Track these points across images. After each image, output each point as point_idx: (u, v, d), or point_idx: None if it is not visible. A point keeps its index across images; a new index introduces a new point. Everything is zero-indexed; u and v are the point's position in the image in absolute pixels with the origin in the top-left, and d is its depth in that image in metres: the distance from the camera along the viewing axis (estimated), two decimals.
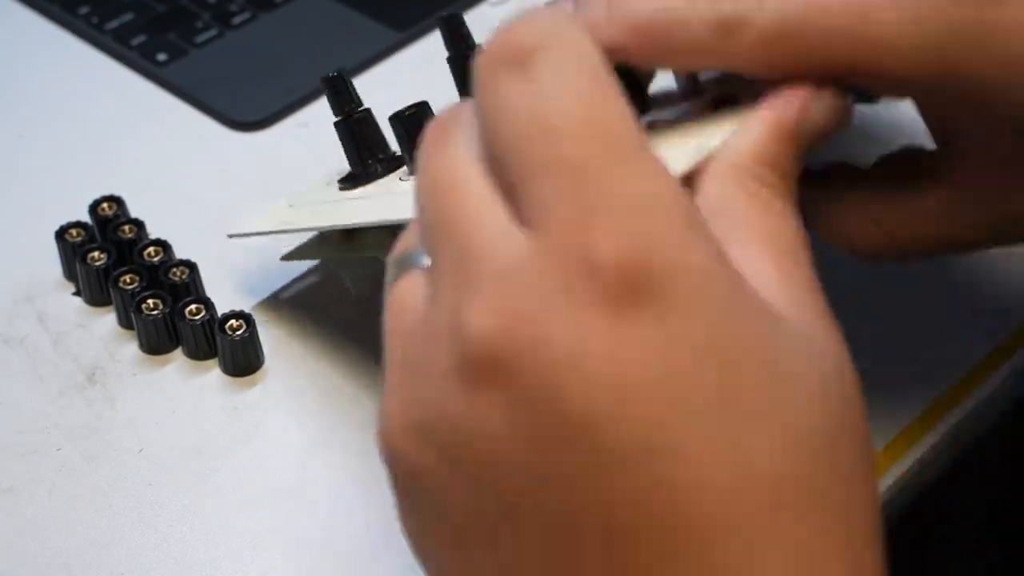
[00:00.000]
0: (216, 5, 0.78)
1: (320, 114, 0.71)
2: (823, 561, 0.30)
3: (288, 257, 0.57)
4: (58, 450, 0.53)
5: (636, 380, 0.29)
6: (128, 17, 0.78)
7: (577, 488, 0.29)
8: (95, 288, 0.59)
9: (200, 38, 0.76)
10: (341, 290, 0.58)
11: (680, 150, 0.36)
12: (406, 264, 0.34)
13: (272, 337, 0.57)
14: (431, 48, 0.76)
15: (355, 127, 0.54)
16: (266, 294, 0.60)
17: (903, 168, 0.43)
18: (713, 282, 0.30)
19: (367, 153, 0.54)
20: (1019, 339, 0.54)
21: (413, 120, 0.50)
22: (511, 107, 0.31)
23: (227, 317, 0.55)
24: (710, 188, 0.35)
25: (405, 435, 0.32)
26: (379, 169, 0.54)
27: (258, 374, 0.56)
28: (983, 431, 0.54)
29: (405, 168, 0.52)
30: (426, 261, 0.33)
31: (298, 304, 0.59)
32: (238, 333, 0.55)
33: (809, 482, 0.30)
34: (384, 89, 0.73)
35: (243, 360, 0.56)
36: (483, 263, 0.30)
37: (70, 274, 0.60)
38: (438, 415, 0.31)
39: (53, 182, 0.67)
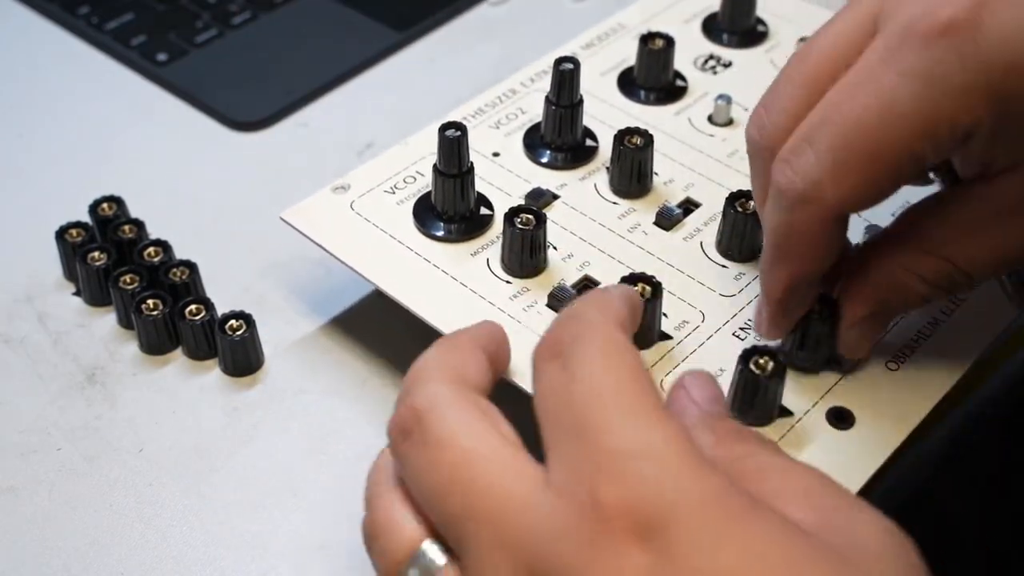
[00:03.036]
0: (216, 5, 0.78)
1: (320, 114, 0.72)
2: None
3: None
4: (58, 450, 0.53)
5: None
6: (128, 17, 0.78)
7: None
8: (95, 288, 0.59)
9: (200, 38, 0.76)
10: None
11: None
12: (427, 569, 0.38)
13: (272, 337, 0.57)
14: (431, 48, 0.77)
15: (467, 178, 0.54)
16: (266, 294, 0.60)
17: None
18: (702, 505, 0.33)
19: (454, 205, 0.54)
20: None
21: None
22: (546, 391, 0.38)
23: (227, 317, 0.56)
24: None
25: None
26: (460, 228, 0.54)
27: (258, 374, 0.56)
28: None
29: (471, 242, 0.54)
30: (441, 559, 0.38)
31: (299, 305, 0.60)
32: (238, 333, 0.55)
33: None
34: (384, 89, 0.73)
35: (243, 360, 0.56)
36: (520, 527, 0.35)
37: (70, 274, 0.61)
38: None
39: (53, 182, 0.67)
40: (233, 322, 0.55)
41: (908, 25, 0.40)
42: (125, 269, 0.58)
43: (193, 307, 0.56)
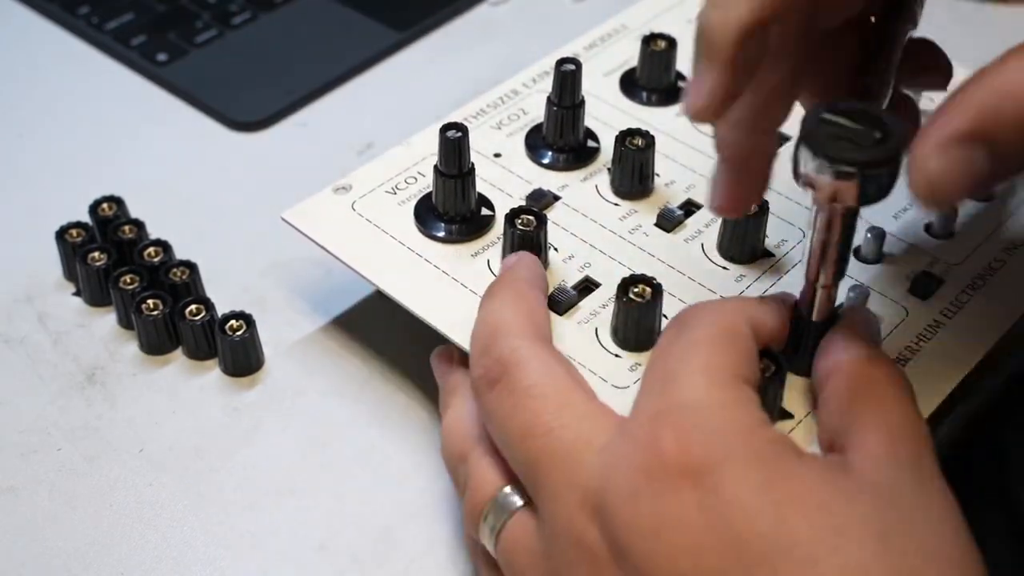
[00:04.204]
0: (216, 5, 0.78)
1: (320, 114, 0.72)
2: None
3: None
4: (58, 450, 0.53)
5: (703, 546, 0.35)
6: (128, 17, 0.78)
7: None
8: (95, 288, 0.59)
9: (200, 38, 0.76)
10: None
11: None
12: (503, 510, 0.42)
13: (272, 337, 0.57)
14: (431, 48, 0.77)
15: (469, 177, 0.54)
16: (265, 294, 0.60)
17: None
18: (756, 456, 0.37)
19: (453, 206, 0.54)
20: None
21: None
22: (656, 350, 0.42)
23: (227, 317, 0.56)
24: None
25: None
26: (460, 229, 0.54)
27: (258, 374, 0.56)
28: None
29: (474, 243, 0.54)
30: (517, 502, 0.42)
31: (299, 306, 0.60)
32: (238, 333, 0.55)
33: None
34: (384, 89, 0.73)
35: (243, 360, 0.56)
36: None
37: (70, 274, 0.60)
38: None
39: (53, 182, 0.67)
40: (233, 322, 0.55)
41: None
42: (125, 269, 0.58)
43: (193, 307, 0.56)
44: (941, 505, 0.37)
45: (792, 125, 0.59)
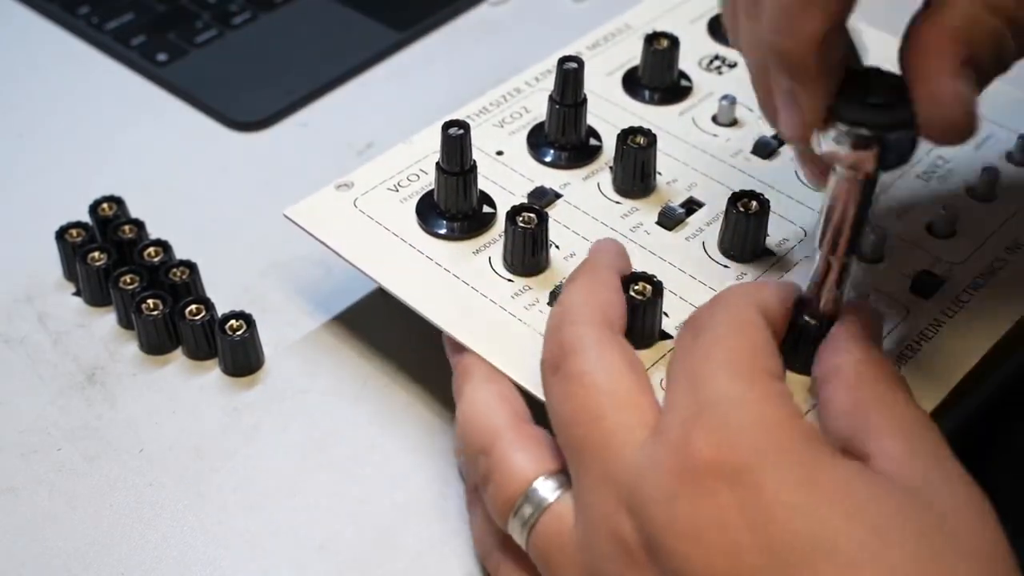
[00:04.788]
0: (216, 5, 0.78)
1: (320, 114, 0.71)
2: None
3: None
4: (58, 450, 0.53)
5: (741, 545, 0.35)
6: (128, 17, 0.78)
7: None
8: (95, 288, 0.59)
9: (200, 38, 0.76)
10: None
11: None
12: (539, 501, 0.42)
13: (272, 337, 0.57)
14: (431, 48, 0.77)
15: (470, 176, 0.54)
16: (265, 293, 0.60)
17: None
18: (790, 452, 0.37)
19: (457, 204, 0.54)
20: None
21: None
22: (676, 352, 0.42)
23: (227, 317, 0.55)
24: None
25: None
26: (462, 226, 0.54)
27: (258, 374, 0.56)
28: None
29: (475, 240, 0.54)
30: (551, 495, 0.42)
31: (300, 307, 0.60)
32: (238, 333, 0.55)
33: None
34: (384, 89, 0.73)
35: (243, 360, 0.56)
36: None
37: (70, 274, 0.60)
38: None
39: (53, 182, 0.67)
40: (233, 322, 0.55)
41: None
42: (125, 269, 0.58)
43: (193, 307, 0.56)
44: (969, 498, 0.37)
45: None
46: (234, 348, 0.55)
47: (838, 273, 0.44)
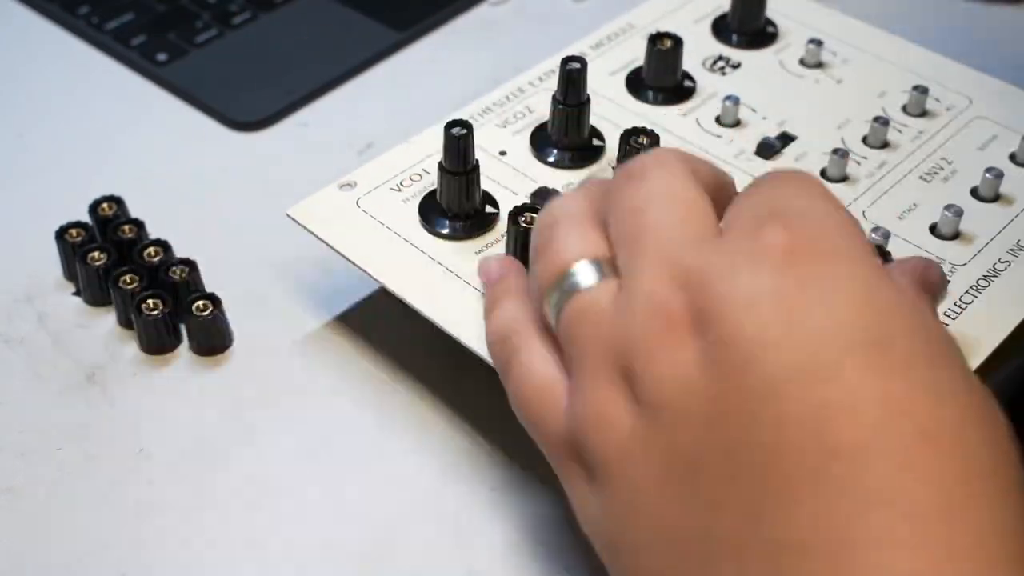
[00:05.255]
0: (216, 5, 0.78)
1: (320, 114, 0.71)
2: (966, 498, 0.33)
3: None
4: (58, 450, 0.53)
5: (800, 316, 0.35)
6: (128, 17, 0.78)
7: (755, 408, 0.34)
8: (95, 288, 0.58)
9: (200, 38, 0.76)
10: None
11: None
12: (569, 289, 0.40)
13: (273, 337, 0.57)
14: (431, 48, 0.76)
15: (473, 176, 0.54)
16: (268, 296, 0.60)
17: None
18: (866, 261, 0.37)
19: (460, 205, 0.53)
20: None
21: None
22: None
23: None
24: None
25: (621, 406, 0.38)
26: (465, 226, 0.54)
27: (258, 373, 0.56)
28: None
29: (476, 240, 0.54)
30: (595, 276, 0.40)
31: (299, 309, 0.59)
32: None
33: (954, 426, 0.34)
34: (384, 89, 0.73)
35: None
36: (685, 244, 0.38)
37: (70, 274, 0.60)
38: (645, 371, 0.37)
39: (53, 182, 0.67)
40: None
41: None
42: (125, 269, 0.58)
43: (200, 303, 0.56)
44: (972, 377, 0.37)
45: (796, 127, 0.60)
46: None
47: None
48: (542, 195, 0.55)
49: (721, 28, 0.65)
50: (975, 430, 0.34)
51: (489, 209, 0.54)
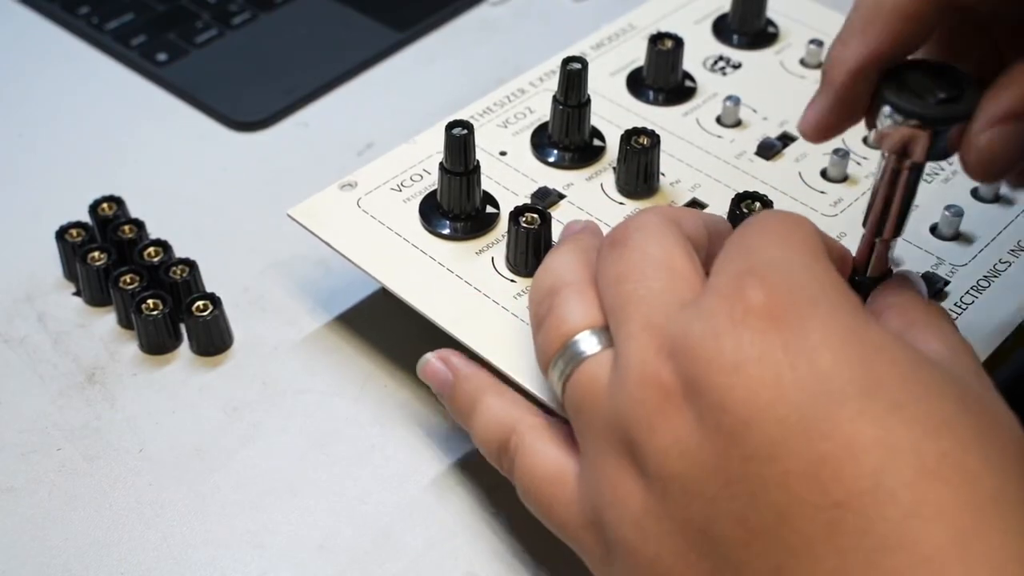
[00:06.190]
0: (216, 5, 0.78)
1: (320, 114, 0.71)
2: (978, 527, 0.33)
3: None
4: (58, 450, 0.53)
5: (787, 376, 0.35)
6: (128, 17, 0.78)
7: (759, 470, 0.35)
8: (95, 288, 0.58)
9: (200, 38, 0.76)
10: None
11: None
12: (574, 359, 0.41)
13: (273, 337, 0.57)
14: (431, 48, 0.76)
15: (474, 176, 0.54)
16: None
17: None
18: (844, 309, 0.37)
19: (461, 204, 0.54)
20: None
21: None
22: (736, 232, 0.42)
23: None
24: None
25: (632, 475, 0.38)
26: (465, 226, 0.54)
27: (258, 374, 0.56)
28: None
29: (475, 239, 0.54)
30: (595, 347, 0.41)
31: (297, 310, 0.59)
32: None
33: (954, 456, 0.34)
34: (384, 89, 0.73)
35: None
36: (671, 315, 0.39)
37: (70, 274, 0.60)
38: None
39: (53, 182, 0.67)
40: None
41: None
42: (125, 269, 0.57)
43: (200, 303, 0.56)
44: (999, 401, 0.38)
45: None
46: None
47: (881, 253, 0.45)
48: (542, 195, 0.55)
49: (722, 28, 0.65)
50: (976, 455, 0.34)
51: (490, 209, 0.54)
